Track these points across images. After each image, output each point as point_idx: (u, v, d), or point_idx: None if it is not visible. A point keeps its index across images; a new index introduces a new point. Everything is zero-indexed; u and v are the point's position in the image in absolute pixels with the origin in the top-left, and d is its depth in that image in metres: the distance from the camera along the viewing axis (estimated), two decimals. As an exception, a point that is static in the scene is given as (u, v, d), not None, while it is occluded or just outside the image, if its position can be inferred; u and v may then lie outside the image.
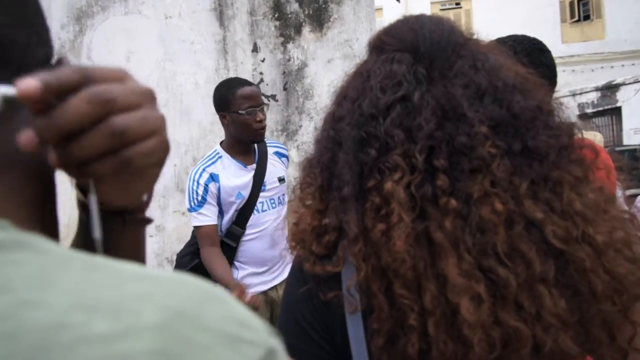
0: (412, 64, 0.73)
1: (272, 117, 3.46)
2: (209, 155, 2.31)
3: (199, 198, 2.21)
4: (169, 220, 3.49)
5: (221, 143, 2.35)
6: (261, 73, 3.46)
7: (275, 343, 0.31)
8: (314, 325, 0.73)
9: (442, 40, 0.75)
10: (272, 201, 2.34)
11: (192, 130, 3.42)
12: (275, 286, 2.33)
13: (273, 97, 3.46)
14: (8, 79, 0.34)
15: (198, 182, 2.21)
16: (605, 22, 16.02)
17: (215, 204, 2.22)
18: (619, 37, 15.59)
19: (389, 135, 0.68)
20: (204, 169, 2.24)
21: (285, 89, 3.46)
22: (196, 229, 2.25)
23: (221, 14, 3.46)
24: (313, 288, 0.72)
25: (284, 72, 3.46)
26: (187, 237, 3.43)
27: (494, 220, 0.63)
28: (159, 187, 3.51)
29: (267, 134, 3.46)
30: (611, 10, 15.90)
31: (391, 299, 0.64)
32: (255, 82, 3.46)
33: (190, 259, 2.28)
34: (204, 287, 0.31)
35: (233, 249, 2.26)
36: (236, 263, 2.28)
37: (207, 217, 2.21)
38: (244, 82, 2.29)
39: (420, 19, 0.79)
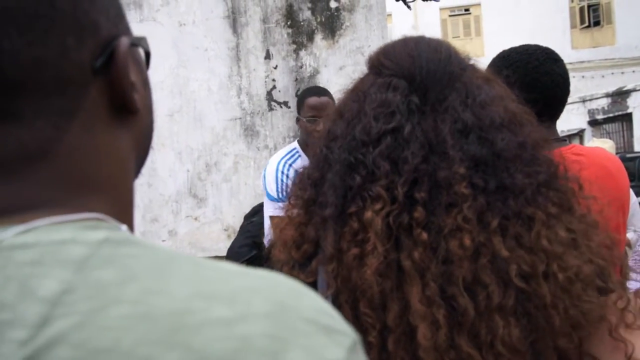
0: (407, 94, 0.76)
1: (284, 124, 3.49)
2: (290, 151, 2.34)
3: (288, 190, 2.21)
4: (182, 225, 3.52)
5: (298, 141, 2.41)
6: (273, 80, 3.49)
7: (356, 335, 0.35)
8: None
9: (439, 70, 0.77)
10: None
11: (205, 136, 3.46)
12: None
13: (285, 103, 3.50)
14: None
15: (287, 175, 2.22)
16: (615, 28, 15.95)
17: None
18: (630, 43, 15.51)
19: (376, 165, 0.72)
20: (290, 164, 2.26)
21: (297, 95, 3.49)
22: (272, 219, 2.19)
23: (234, 21, 3.50)
24: None
25: (296, 79, 3.49)
26: (200, 242, 3.47)
27: (459, 254, 0.67)
28: (171, 192, 3.56)
29: (279, 140, 3.50)
30: (621, 16, 15.83)
31: (356, 315, 0.69)
32: (268, 89, 3.50)
33: (249, 250, 2.31)
34: (296, 284, 0.35)
35: None
36: None
37: None
38: (320, 92, 2.36)
39: (419, 44, 0.81)
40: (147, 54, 0.46)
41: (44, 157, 0.37)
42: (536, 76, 1.41)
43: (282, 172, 2.23)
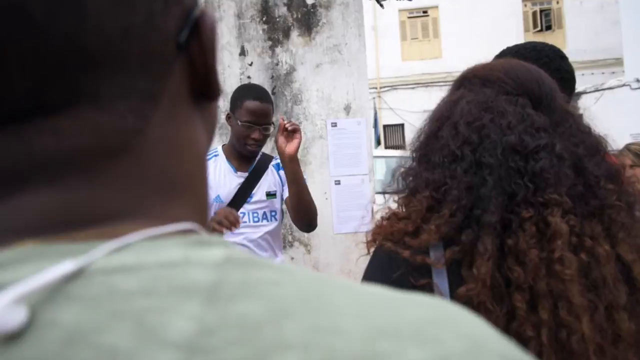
0: (537, 112, 0.84)
1: (259, 122, 3.40)
2: (210, 153, 2.23)
3: None
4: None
5: (224, 145, 2.31)
6: (249, 77, 3.39)
7: None
8: None
9: (558, 98, 0.87)
10: (254, 214, 2.23)
11: (178, 135, 3.32)
12: None
13: (261, 101, 3.40)
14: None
15: None
16: (566, 32, 16.55)
17: None
18: (579, 47, 16.12)
19: (544, 176, 0.78)
20: None
21: (273, 93, 3.39)
22: None
23: (207, 16, 3.38)
24: (405, 273, 0.80)
25: (272, 77, 3.40)
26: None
27: (605, 258, 0.76)
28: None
29: (255, 139, 3.40)
30: (571, 21, 16.45)
31: (509, 312, 0.74)
32: (243, 86, 3.39)
33: None
34: (465, 311, 0.29)
35: None
36: None
37: None
38: (263, 97, 2.16)
39: (539, 71, 0.90)
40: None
41: (126, 152, 0.29)
42: (546, 72, 1.40)
43: None
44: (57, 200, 0.27)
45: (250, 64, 3.39)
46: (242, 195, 2.18)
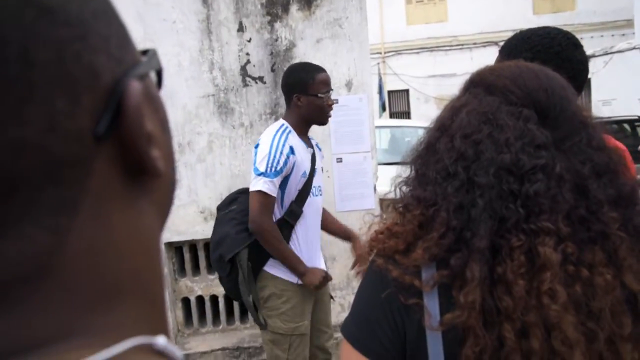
0: (540, 127, 0.79)
1: (260, 100, 3.34)
2: (281, 127, 2.26)
3: (278, 167, 2.15)
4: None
5: (284, 119, 2.34)
6: (247, 54, 3.32)
7: None
8: (384, 328, 0.80)
9: (569, 110, 0.80)
10: (319, 188, 2.39)
11: (177, 115, 3.28)
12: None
13: (260, 79, 3.33)
14: None
15: (282, 151, 2.16)
16: (575, -7, 16.12)
17: (284, 176, 2.19)
18: (589, 9, 15.72)
19: (537, 201, 0.74)
20: (285, 139, 2.20)
21: (273, 70, 3.33)
22: (261, 195, 2.13)
23: (204, -10, 3.28)
24: (394, 292, 0.79)
25: (272, 53, 3.33)
26: (175, 225, 3.32)
27: (604, 288, 0.73)
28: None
29: (255, 117, 3.35)
30: (581, -19, 15.99)
31: (501, 339, 0.72)
32: (242, 64, 3.32)
33: (248, 236, 2.21)
34: None
35: (289, 228, 2.25)
36: (291, 245, 2.26)
37: (276, 188, 2.17)
38: (321, 68, 2.36)
39: (549, 77, 0.83)
40: (159, 73, 0.35)
41: (44, 274, 0.26)
42: (558, 62, 1.35)
43: (278, 147, 2.17)
44: None
45: (249, 40, 3.31)
46: (314, 170, 2.33)
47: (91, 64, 0.27)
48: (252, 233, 2.17)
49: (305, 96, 2.28)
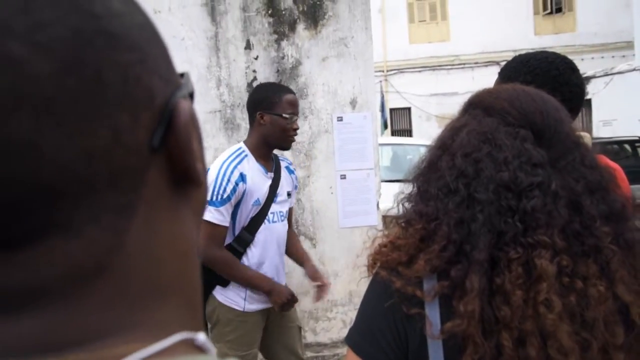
0: (536, 147, 0.83)
1: (265, 117, 3.39)
2: (235, 152, 2.18)
3: (225, 195, 2.07)
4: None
5: (244, 142, 2.26)
6: (254, 71, 3.37)
7: None
8: (387, 337, 0.83)
9: (563, 131, 0.85)
10: (280, 214, 2.28)
11: (183, 130, 3.32)
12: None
13: (266, 95, 3.39)
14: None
15: (229, 179, 2.08)
16: (576, 15, 16.29)
17: (233, 206, 2.11)
18: (589, 30, 15.89)
19: (534, 216, 0.78)
20: (235, 166, 2.12)
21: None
22: (207, 225, 2.04)
23: (213, 9, 3.35)
24: (397, 302, 0.82)
25: (278, 70, 3.39)
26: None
27: (597, 300, 0.76)
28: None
29: (261, 133, 3.39)
30: (582, 3, 16.17)
31: (499, 348, 0.76)
32: (249, 81, 3.38)
33: None
34: None
35: (238, 255, 2.17)
36: None
37: (224, 217, 2.09)
38: (290, 90, 2.32)
39: (545, 100, 0.88)
40: (191, 95, 0.38)
41: (103, 272, 0.29)
42: (555, 85, 1.39)
43: (225, 175, 2.09)
44: (39, 327, 0.27)
45: (256, 58, 3.37)
46: (272, 196, 2.23)
47: (149, 84, 0.31)
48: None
49: (269, 114, 2.18)
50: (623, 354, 0.75)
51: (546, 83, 1.38)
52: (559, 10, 16.38)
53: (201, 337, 0.32)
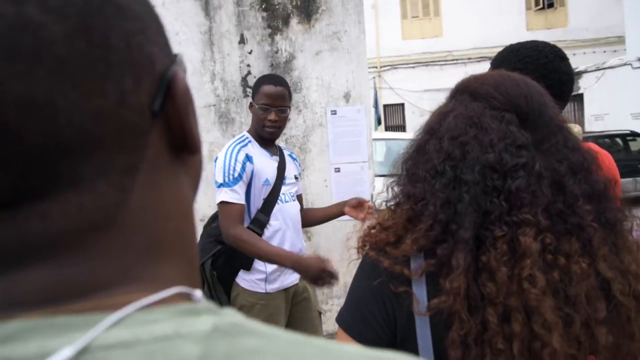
0: (520, 129, 0.85)
1: (260, 110, 3.41)
2: (239, 138, 2.28)
3: (236, 174, 2.15)
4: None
5: (248, 130, 2.36)
6: (248, 65, 3.39)
7: None
8: (376, 315, 0.85)
9: (546, 114, 0.88)
10: (291, 194, 2.37)
11: (178, 124, 3.34)
12: (297, 283, 2.34)
13: (261, 89, 3.41)
14: None
15: (236, 159, 2.17)
16: (568, 10, 16.37)
17: (246, 184, 2.19)
18: (581, 26, 15.97)
19: (519, 195, 0.80)
20: (240, 148, 2.20)
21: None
22: (225, 205, 2.14)
23: (207, 3, 3.36)
24: (385, 281, 0.84)
25: (272, 65, 3.41)
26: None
27: (579, 276, 0.78)
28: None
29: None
30: (574, -1, 16.25)
31: (484, 323, 0.78)
32: (243, 75, 3.40)
33: (214, 245, 2.22)
34: None
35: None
36: None
37: (239, 195, 2.16)
38: (277, 81, 2.31)
39: (529, 85, 0.91)
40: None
41: (111, 225, 0.31)
42: (544, 72, 1.42)
43: (231, 156, 2.18)
44: (51, 277, 0.29)
45: (250, 52, 3.39)
46: (281, 176, 2.32)
47: (150, 52, 0.33)
48: (229, 245, 2.17)
49: (253, 104, 2.31)
50: (605, 328, 0.77)
51: (535, 70, 1.41)
52: (550, 5, 16.45)
53: (198, 293, 0.34)
